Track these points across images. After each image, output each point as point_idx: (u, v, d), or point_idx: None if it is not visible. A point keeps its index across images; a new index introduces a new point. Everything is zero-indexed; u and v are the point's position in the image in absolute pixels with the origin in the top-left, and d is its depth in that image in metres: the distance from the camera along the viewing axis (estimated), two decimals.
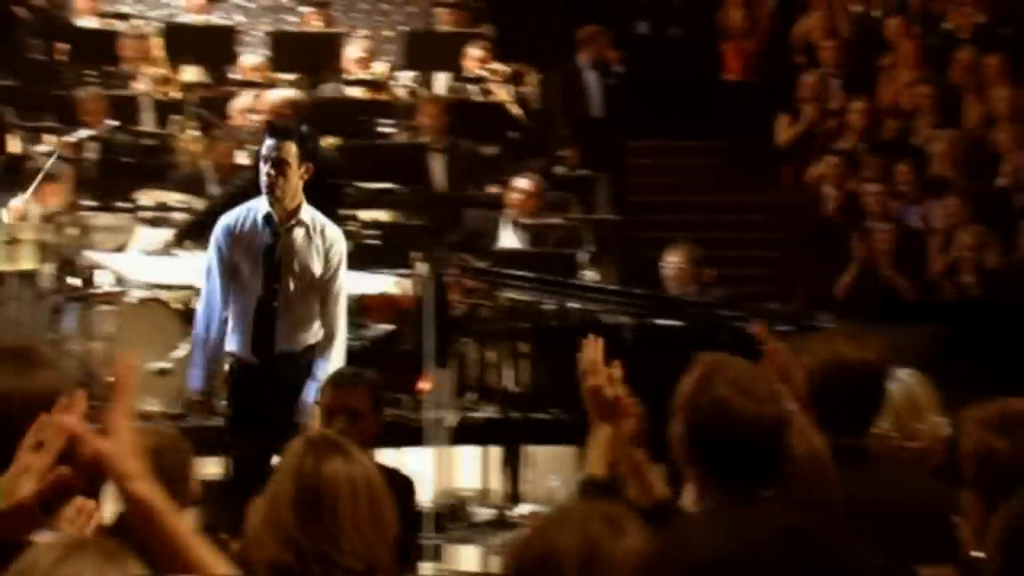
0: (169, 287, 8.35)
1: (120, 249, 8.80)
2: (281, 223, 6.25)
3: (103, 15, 11.76)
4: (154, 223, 8.66)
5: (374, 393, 4.89)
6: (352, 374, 5.20)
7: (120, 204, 9.12)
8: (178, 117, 10.22)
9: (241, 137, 9.65)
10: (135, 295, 8.30)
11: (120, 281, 8.46)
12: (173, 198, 8.75)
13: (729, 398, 2.85)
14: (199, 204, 8.53)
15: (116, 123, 9.85)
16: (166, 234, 8.49)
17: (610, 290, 8.87)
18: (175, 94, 10.65)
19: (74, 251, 8.60)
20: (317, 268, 6.28)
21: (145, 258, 8.57)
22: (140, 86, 10.82)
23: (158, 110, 10.49)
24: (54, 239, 8.45)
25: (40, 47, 11.00)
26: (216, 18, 12.07)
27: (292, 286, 6.26)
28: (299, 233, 6.27)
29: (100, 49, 11.10)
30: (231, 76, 11.12)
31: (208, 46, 11.36)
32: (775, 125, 11.78)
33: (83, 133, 9.60)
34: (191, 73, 11.02)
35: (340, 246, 6.36)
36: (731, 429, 2.84)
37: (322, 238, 6.31)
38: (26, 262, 8.36)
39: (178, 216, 8.55)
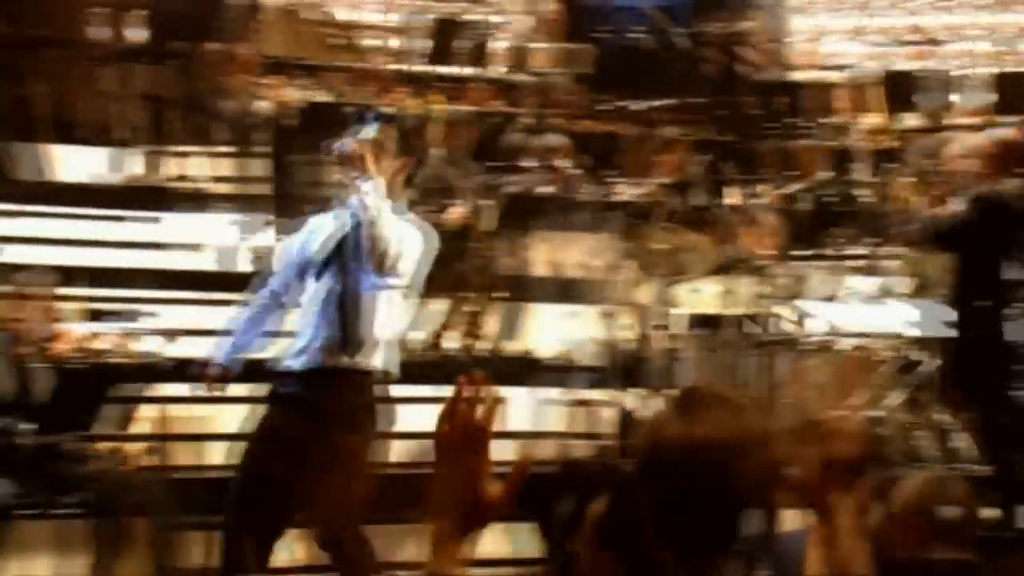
0: (878, 336, 8.31)
1: (830, 298, 8.85)
2: (365, 212, 5.62)
3: (823, 67, 11.97)
4: (863, 271, 8.65)
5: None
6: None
7: (830, 253, 9.18)
8: (892, 165, 10.15)
9: (956, 183, 9.39)
10: (845, 344, 8.32)
11: (831, 330, 8.52)
12: (884, 247, 8.70)
13: None
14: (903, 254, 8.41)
15: (829, 173, 9.95)
16: (874, 283, 8.44)
17: None
18: (889, 142, 10.60)
19: (786, 300, 8.74)
20: (394, 262, 5.63)
21: (854, 307, 8.57)
22: (854, 136, 10.86)
23: (872, 159, 10.48)
24: (767, 288, 8.64)
25: (759, 103, 11.34)
26: (935, 64, 11.92)
27: (361, 279, 5.62)
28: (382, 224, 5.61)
29: (816, 101, 11.28)
30: (947, 121, 10.91)
31: (926, 92, 11.26)
32: None
33: (796, 184, 9.76)
34: (907, 120, 10.94)
35: (421, 244, 5.68)
36: None
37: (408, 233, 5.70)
38: (740, 308, 8.60)
39: (886, 264, 8.48)
